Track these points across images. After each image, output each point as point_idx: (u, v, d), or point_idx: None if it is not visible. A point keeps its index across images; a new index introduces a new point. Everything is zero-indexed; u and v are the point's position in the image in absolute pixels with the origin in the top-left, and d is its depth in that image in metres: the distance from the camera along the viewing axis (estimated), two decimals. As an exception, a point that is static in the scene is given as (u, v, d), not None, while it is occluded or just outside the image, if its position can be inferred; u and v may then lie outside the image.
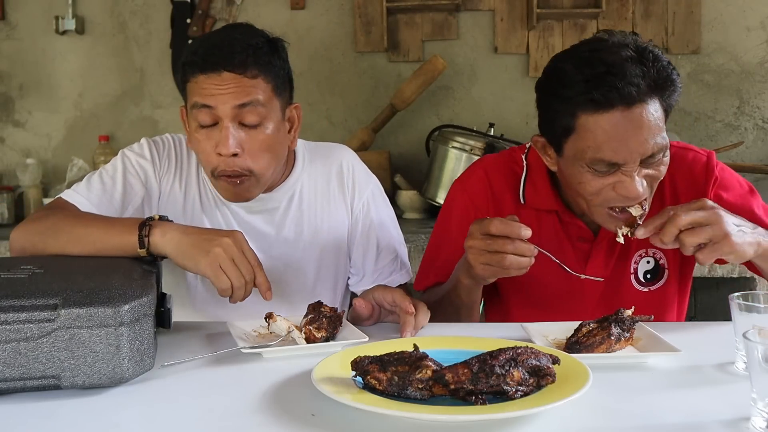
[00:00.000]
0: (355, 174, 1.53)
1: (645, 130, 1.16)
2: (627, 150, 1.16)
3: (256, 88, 1.31)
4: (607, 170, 1.19)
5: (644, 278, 1.39)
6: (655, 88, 1.16)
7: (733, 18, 2.89)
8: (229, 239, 1.18)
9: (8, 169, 3.11)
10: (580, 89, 1.16)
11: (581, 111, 1.17)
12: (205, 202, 1.47)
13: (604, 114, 1.15)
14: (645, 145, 1.16)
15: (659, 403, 0.86)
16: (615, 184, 1.20)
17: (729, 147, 2.80)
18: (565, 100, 1.19)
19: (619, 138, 1.16)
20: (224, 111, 1.29)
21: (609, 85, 1.14)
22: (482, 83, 2.97)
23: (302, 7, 2.99)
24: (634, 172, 1.18)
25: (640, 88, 1.14)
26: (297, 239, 1.49)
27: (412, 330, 1.16)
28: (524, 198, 1.38)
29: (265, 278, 1.20)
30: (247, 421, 0.83)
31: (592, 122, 1.17)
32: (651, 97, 1.16)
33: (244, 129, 1.32)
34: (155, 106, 3.06)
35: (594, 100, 1.15)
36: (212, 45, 1.32)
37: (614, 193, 1.20)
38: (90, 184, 1.41)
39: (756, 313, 0.95)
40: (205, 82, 1.30)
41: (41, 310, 0.90)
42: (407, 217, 2.80)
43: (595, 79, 1.15)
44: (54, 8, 3.04)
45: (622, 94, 1.14)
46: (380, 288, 1.27)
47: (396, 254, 1.55)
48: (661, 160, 1.21)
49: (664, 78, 1.17)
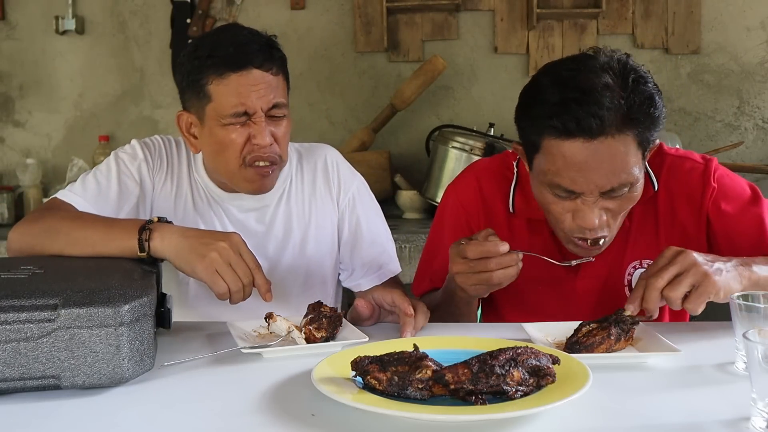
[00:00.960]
0: (340, 171, 1.57)
1: (606, 164, 1.11)
2: (584, 181, 1.13)
3: (279, 86, 1.39)
4: (566, 196, 1.16)
5: None
6: (627, 121, 1.10)
7: (733, 18, 2.89)
8: (226, 243, 1.18)
9: (8, 169, 3.11)
10: (546, 112, 1.13)
11: (546, 133, 1.14)
12: (198, 201, 1.49)
13: (566, 141, 1.11)
14: (605, 178, 1.12)
15: (659, 403, 0.86)
16: (574, 212, 1.17)
17: (729, 147, 2.80)
18: (534, 117, 1.16)
19: (578, 168, 1.12)
20: (258, 107, 1.35)
21: (573, 114, 1.09)
22: (482, 83, 2.97)
23: (302, 7, 2.99)
24: (593, 203, 1.15)
25: (603, 121, 1.08)
26: (287, 236, 1.52)
27: (412, 331, 1.16)
28: (513, 208, 1.35)
29: (265, 280, 1.20)
30: (247, 421, 0.83)
31: (554, 147, 1.13)
32: (620, 130, 1.10)
33: (273, 121, 1.38)
34: (155, 106, 3.06)
35: (555, 127, 1.11)
36: (233, 44, 1.35)
37: (572, 221, 1.18)
38: (85, 184, 1.41)
39: (756, 313, 0.95)
40: (235, 80, 1.33)
41: (41, 310, 0.90)
42: (407, 217, 2.81)
43: (563, 105, 1.11)
44: (54, 8, 3.04)
45: (582, 126, 1.09)
46: (379, 288, 1.27)
47: (384, 248, 1.56)
48: (628, 195, 1.16)
49: (642, 111, 1.11)
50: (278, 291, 1.49)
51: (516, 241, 1.31)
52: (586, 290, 1.34)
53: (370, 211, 1.58)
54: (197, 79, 1.36)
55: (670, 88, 2.92)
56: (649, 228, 1.32)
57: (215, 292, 1.18)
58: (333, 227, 1.55)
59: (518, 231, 1.35)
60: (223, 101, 1.34)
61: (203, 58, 1.34)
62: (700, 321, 1.29)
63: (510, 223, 1.36)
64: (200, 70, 1.35)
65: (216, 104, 1.35)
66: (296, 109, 2.94)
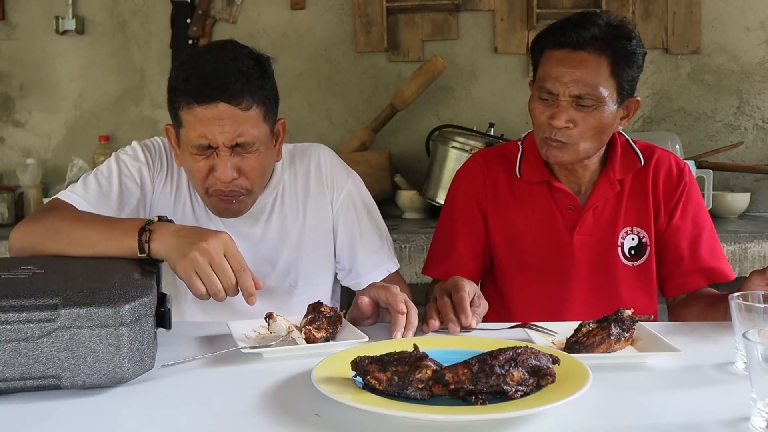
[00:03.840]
0: (334, 169, 1.56)
1: (579, 72, 1.39)
2: (560, 84, 1.41)
3: (248, 122, 1.33)
4: (547, 98, 1.43)
5: (629, 253, 1.53)
6: (603, 45, 1.40)
7: (733, 18, 2.89)
8: (208, 243, 1.14)
9: (8, 169, 3.11)
10: (549, 31, 1.45)
11: (547, 47, 1.45)
12: (195, 204, 1.50)
13: (555, 51, 1.42)
14: (575, 84, 1.39)
15: (659, 403, 0.86)
16: (550, 115, 1.43)
17: (729, 147, 2.80)
18: (541, 37, 1.47)
19: (557, 73, 1.41)
20: (221, 142, 1.32)
21: (564, 32, 1.41)
22: (482, 83, 2.96)
23: (302, 7, 2.99)
24: (565, 107, 1.41)
25: (583, 39, 1.39)
26: (282, 239, 1.52)
27: (403, 331, 1.14)
28: (520, 173, 1.57)
29: (249, 284, 1.16)
30: (247, 421, 0.83)
31: (549, 55, 1.44)
32: (596, 51, 1.39)
33: (239, 154, 1.35)
34: (155, 106, 3.06)
35: (551, 40, 1.44)
36: (206, 74, 1.31)
37: (545, 119, 1.44)
38: (86, 185, 1.42)
39: (756, 313, 0.95)
40: (201, 113, 1.31)
41: (41, 310, 0.90)
42: (407, 217, 2.80)
43: (561, 27, 1.43)
44: (54, 8, 3.04)
45: (568, 40, 1.40)
46: (376, 286, 1.26)
47: (380, 246, 1.57)
48: (592, 113, 1.41)
49: (619, 44, 1.40)
50: (276, 293, 1.51)
51: (518, 201, 1.57)
52: (581, 245, 1.52)
53: (365, 210, 1.58)
54: (172, 101, 1.36)
55: (670, 88, 2.92)
56: (639, 199, 1.53)
57: (192, 293, 1.16)
58: (328, 227, 1.55)
59: (520, 193, 1.58)
60: (189, 130, 1.34)
61: (179, 82, 1.34)
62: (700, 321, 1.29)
63: (513, 188, 1.58)
64: (174, 94, 1.35)
65: (184, 131, 1.36)
66: (296, 109, 2.95)
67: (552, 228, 1.54)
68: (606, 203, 1.52)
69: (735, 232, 2.28)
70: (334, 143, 2.92)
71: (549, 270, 1.54)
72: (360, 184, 1.60)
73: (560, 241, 1.53)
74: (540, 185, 1.56)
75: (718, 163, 2.70)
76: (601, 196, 1.52)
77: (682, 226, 1.52)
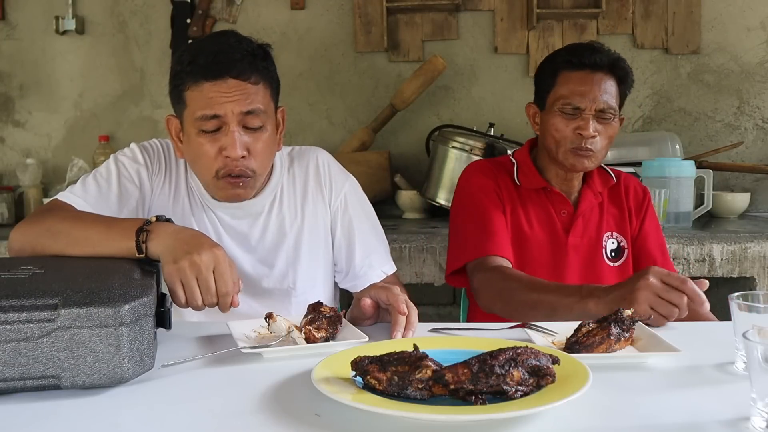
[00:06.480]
0: (332, 172, 1.57)
1: (599, 89, 1.60)
2: (585, 99, 1.59)
3: (258, 94, 1.35)
4: (572, 113, 1.60)
5: (611, 255, 1.72)
6: (613, 68, 1.62)
7: (733, 18, 2.89)
8: (200, 257, 1.13)
9: (8, 169, 3.11)
10: (562, 56, 1.65)
11: (561, 69, 1.64)
12: (194, 206, 1.50)
13: (574, 72, 1.62)
14: (599, 99, 1.59)
15: (659, 403, 0.86)
16: (577, 127, 1.60)
17: (729, 147, 2.80)
18: (552, 61, 1.67)
19: (582, 92, 1.60)
20: (231, 117, 1.33)
21: (581, 54, 1.61)
22: (482, 83, 2.97)
23: (302, 7, 2.99)
24: (590, 119, 1.59)
25: (600, 61, 1.60)
26: (280, 241, 1.52)
27: (403, 332, 1.14)
28: (519, 181, 1.72)
29: (225, 308, 1.16)
30: (247, 421, 0.83)
31: (567, 76, 1.62)
32: (609, 72, 1.61)
33: (248, 132, 1.36)
34: (155, 106, 3.07)
35: (569, 62, 1.62)
36: (213, 52, 1.33)
37: (573, 133, 1.61)
38: (85, 186, 1.42)
39: (756, 313, 0.95)
40: (210, 90, 1.32)
41: (41, 310, 0.89)
42: (407, 217, 2.81)
43: (576, 51, 1.64)
44: (54, 8, 3.04)
45: (587, 61, 1.60)
46: (376, 287, 1.26)
47: (377, 250, 1.57)
48: (609, 124, 1.62)
49: (621, 67, 1.63)
50: (275, 294, 1.51)
51: (521, 201, 1.71)
52: (574, 245, 1.69)
53: (363, 212, 1.58)
54: (177, 84, 1.37)
55: (670, 88, 2.92)
56: (616, 209, 1.75)
57: (173, 300, 1.15)
58: (326, 229, 1.56)
59: (522, 195, 1.72)
60: (194, 106, 1.35)
61: (184, 65, 1.35)
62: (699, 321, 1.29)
63: (516, 190, 1.72)
64: (180, 77, 1.36)
65: (189, 110, 1.36)
66: (296, 109, 2.95)
67: (551, 228, 1.69)
68: (592, 210, 1.72)
69: (735, 232, 2.28)
70: (334, 143, 2.92)
71: (548, 267, 1.67)
72: (357, 187, 1.60)
73: (558, 241, 1.69)
74: (538, 191, 1.71)
75: (718, 163, 2.70)
76: (589, 203, 1.71)
77: (650, 234, 1.74)
